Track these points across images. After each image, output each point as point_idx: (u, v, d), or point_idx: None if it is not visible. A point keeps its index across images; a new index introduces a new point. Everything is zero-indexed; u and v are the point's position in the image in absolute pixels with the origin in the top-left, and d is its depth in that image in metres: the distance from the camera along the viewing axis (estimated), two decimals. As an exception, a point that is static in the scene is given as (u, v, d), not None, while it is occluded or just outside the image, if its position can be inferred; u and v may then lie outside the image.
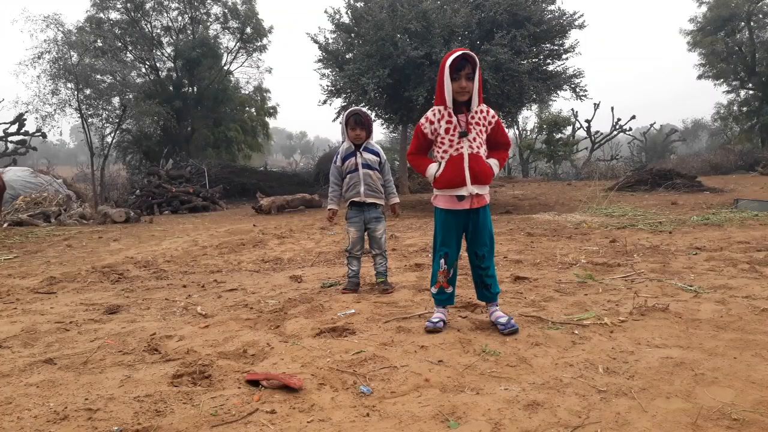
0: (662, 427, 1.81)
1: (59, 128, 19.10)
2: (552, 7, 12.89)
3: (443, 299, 3.04)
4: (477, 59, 2.82)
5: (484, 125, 2.90)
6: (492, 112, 2.94)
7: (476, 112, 2.89)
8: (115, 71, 15.84)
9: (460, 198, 2.86)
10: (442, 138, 2.88)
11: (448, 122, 2.86)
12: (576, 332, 2.82)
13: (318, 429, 1.87)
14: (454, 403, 2.02)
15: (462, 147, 2.85)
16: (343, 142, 4.09)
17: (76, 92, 14.68)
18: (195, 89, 22.28)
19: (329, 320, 3.20)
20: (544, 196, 14.29)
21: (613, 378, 2.22)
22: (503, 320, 2.88)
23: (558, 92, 13.06)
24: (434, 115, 2.91)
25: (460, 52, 2.79)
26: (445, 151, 2.89)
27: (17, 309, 3.69)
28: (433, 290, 3.06)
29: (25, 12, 14.64)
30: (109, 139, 16.75)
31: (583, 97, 13.19)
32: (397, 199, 4.21)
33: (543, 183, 20.70)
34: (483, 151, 2.90)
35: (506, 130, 3.26)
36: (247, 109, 24.91)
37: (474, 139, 2.87)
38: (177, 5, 21.62)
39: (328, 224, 4.56)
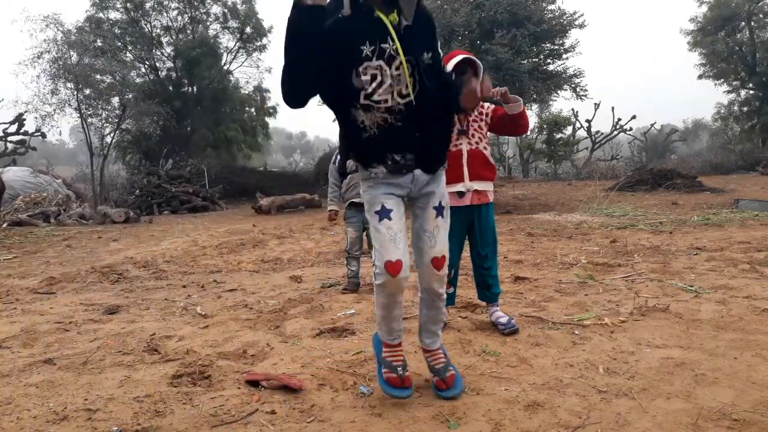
0: (662, 427, 1.80)
1: (59, 128, 19.16)
2: (552, 7, 12.89)
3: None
4: (479, 63, 2.80)
5: (483, 119, 2.91)
6: (485, 104, 2.93)
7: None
8: (114, 71, 15.84)
9: (460, 195, 2.86)
10: None
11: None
12: (576, 332, 2.82)
13: (318, 429, 1.87)
14: (454, 403, 2.02)
15: (461, 143, 2.85)
16: None
17: (75, 92, 14.68)
18: (195, 89, 22.26)
19: (329, 320, 3.20)
20: (544, 196, 14.29)
21: (613, 378, 2.22)
22: (504, 320, 2.88)
23: (558, 92, 13.06)
24: None
25: (461, 57, 2.77)
26: None
27: (17, 309, 3.69)
28: None
29: (25, 12, 14.66)
30: (108, 139, 16.74)
31: (583, 97, 13.20)
32: None
33: (543, 183, 20.70)
34: (483, 146, 2.90)
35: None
36: (246, 109, 24.89)
37: (472, 135, 2.87)
38: (177, 5, 21.60)
39: (329, 225, 4.57)
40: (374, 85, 1.83)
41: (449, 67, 2.77)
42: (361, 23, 1.78)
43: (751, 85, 25.74)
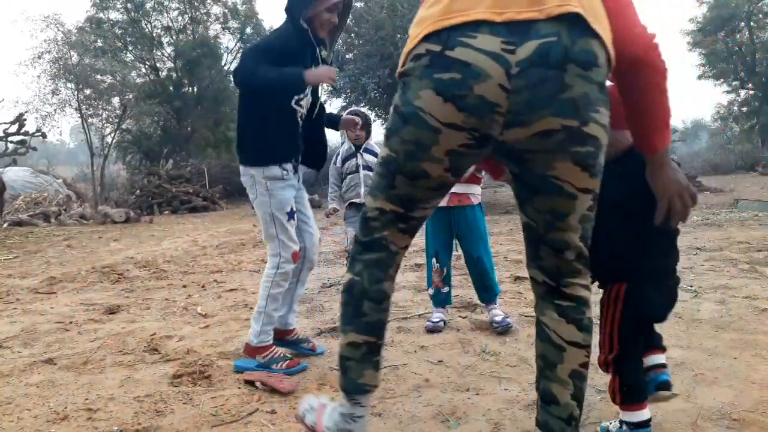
0: (662, 427, 1.81)
1: (59, 128, 19.17)
2: (552, 7, 12.90)
3: (441, 299, 3.04)
4: None
5: None
6: None
7: None
8: (115, 71, 15.84)
9: None
10: None
11: None
12: (576, 332, 2.82)
13: (318, 429, 1.87)
14: (454, 403, 2.03)
15: None
16: (343, 143, 4.12)
17: (76, 92, 14.69)
18: (195, 89, 22.25)
19: (329, 320, 3.20)
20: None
21: (613, 378, 2.22)
22: (498, 318, 2.89)
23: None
24: None
25: None
26: None
27: (17, 309, 3.69)
28: (430, 291, 3.06)
29: (25, 12, 14.70)
30: (109, 139, 16.75)
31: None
32: None
33: (543, 183, 20.66)
34: None
35: None
36: (247, 109, 24.86)
37: None
38: (177, 5, 21.59)
39: (326, 219, 4.57)
40: (301, 95, 2.35)
41: None
42: (308, 51, 2.31)
43: (750, 85, 25.72)
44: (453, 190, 2.80)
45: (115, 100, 16.35)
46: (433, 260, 3.01)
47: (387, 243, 1.38)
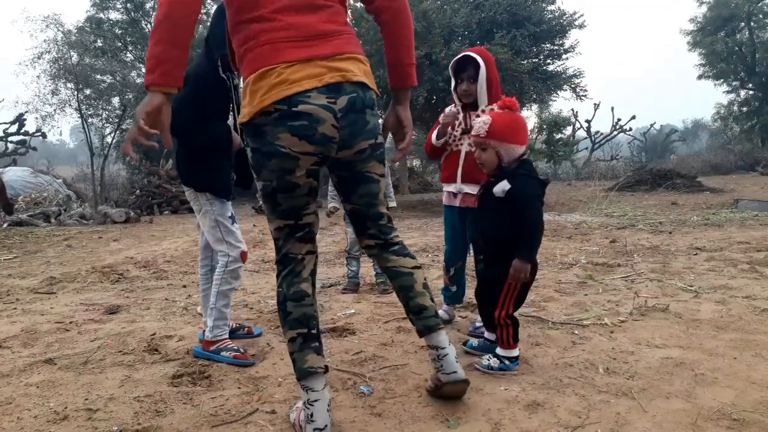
0: (662, 427, 1.81)
1: (59, 128, 19.12)
2: (552, 7, 12.90)
3: (447, 296, 3.07)
4: (480, 59, 2.77)
5: None
6: None
7: (482, 112, 2.84)
8: (115, 71, 15.83)
9: (454, 195, 2.87)
10: (450, 133, 2.86)
11: (456, 118, 2.85)
12: (576, 332, 2.82)
13: (318, 429, 1.86)
14: (454, 403, 2.03)
15: (461, 144, 2.83)
16: None
17: (76, 92, 14.67)
18: (195, 89, 22.24)
19: (329, 320, 3.20)
20: (544, 196, 14.27)
21: (613, 378, 2.22)
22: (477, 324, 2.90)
23: (558, 92, 13.06)
24: (449, 109, 2.91)
25: (463, 54, 2.79)
26: (449, 145, 2.88)
27: (17, 309, 3.69)
28: (442, 286, 3.10)
29: (25, 12, 14.67)
30: (109, 139, 16.74)
31: (583, 97, 13.20)
32: (393, 203, 4.19)
33: (543, 183, 20.63)
34: None
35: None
36: (247, 109, 24.82)
37: None
38: (177, 5, 21.57)
39: (326, 218, 4.56)
40: (231, 119, 2.71)
41: (451, 65, 2.82)
42: (220, 80, 2.64)
43: (750, 85, 25.72)
44: (467, 191, 2.79)
45: (115, 100, 16.34)
46: (443, 258, 3.06)
47: (293, 255, 1.83)
